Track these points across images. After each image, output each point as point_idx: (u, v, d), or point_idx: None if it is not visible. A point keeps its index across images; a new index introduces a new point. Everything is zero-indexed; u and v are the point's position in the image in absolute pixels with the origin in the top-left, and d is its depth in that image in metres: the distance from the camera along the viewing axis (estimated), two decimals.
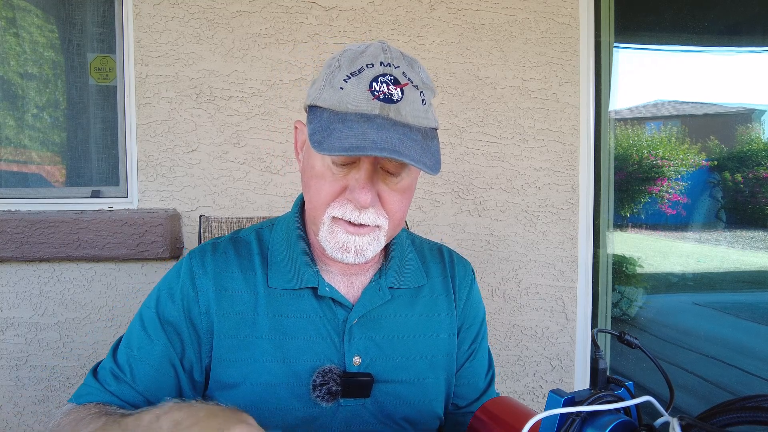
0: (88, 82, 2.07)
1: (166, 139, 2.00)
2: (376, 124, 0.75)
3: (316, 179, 0.82)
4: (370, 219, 0.81)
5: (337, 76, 0.80)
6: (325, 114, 0.78)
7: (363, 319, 0.90)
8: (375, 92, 0.77)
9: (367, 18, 2.08)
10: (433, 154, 0.78)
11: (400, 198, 0.84)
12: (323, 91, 0.81)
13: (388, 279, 0.94)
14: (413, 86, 0.80)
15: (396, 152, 0.72)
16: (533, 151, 2.22)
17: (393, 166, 0.80)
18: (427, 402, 0.94)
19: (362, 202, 0.78)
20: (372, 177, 0.80)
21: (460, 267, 1.05)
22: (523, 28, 2.19)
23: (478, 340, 1.04)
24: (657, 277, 3.14)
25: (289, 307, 0.88)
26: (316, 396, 0.84)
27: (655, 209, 2.98)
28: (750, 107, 2.75)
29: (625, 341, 0.66)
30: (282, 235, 0.94)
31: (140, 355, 0.86)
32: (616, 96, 2.49)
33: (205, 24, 2.00)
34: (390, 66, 0.79)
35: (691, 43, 2.81)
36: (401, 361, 0.92)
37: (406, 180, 0.84)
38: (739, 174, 2.74)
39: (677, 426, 0.50)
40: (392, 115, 0.77)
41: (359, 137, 0.73)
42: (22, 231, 1.87)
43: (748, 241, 2.77)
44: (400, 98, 0.78)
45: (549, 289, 2.27)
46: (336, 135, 0.73)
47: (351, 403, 0.88)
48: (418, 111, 0.80)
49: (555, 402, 0.57)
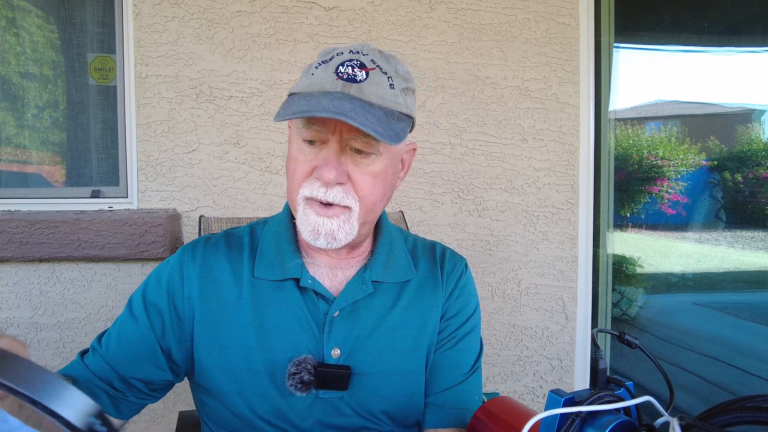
0: (88, 82, 2.07)
1: (166, 139, 2.00)
2: (333, 97, 0.78)
3: (292, 163, 0.85)
4: (338, 197, 0.82)
5: (311, 67, 0.84)
6: (294, 96, 0.82)
7: (344, 312, 0.90)
8: (339, 74, 0.80)
9: (367, 18, 2.08)
10: (391, 128, 0.79)
11: (372, 182, 0.85)
12: (300, 80, 0.85)
13: (372, 273, 0.94)
14: (381, 72, 0.82)
15: (342, 115, 0.74)
16: (533, 151, 2.22)
17: (360, 143, 0.81)
18: (408, 396, 0.94)
19: (326, 178, 0.79)
20: (339, 155, 0.81)
21: (449, 261, 1.04)
22: (523, 28, 2.19)
23: (462, 332, 1.00)
24: (657, 277, 3.14)
25: (271, 298, 0.90)
26: (290, 385, 0.85)
27: (655, 209, 2.98)
28: (750, 107, 2.75)
29: (625, 341, 0.66)
30: (273, 228, 0.96)
31: (120, 331, 0.90)
32: (616, 96, 2.50)
33: (205, 24, 2.00)
34: (359, 54, 0.83)
35: (691, 43, 2.81)
36: (382, 354, 0.92)
37: (377, 164, 0.84)
38: (739, 174, 2.74)
39: (677, 426, 0.49)
40: (353, 92, 0.79)
41: (312, 104, 0.76)
42: (22, 231, 1.87)
43: (748, 241, 2.77)
44: (363, 79, 0.80)
45: (549, 289, 2.27)
46: (294, 107, 0.77)
47: (329, 395, 0.88)
48: (384, 93, 0.81)
49: (555, 402, 0.57)
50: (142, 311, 0.90)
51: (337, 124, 0.80)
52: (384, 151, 0.84)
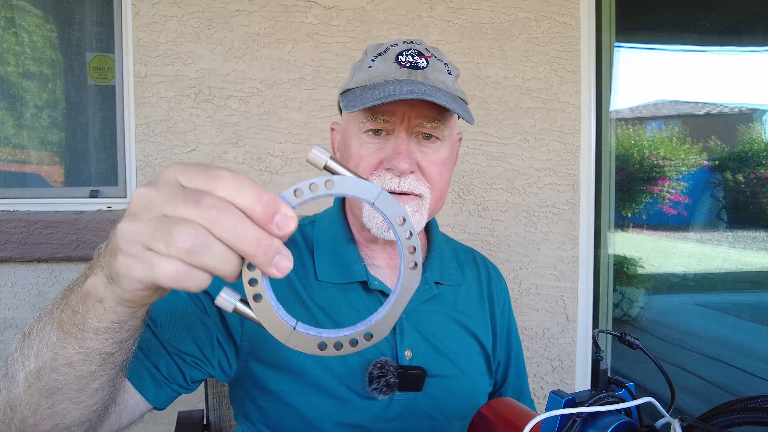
0: (86, 81, 2.07)
1: (165, 138, 2.00)
2: (406, 83, 0.78)
3: (353, 159, 0.84)
4: (411, 185, 0.81)
5: (365, 61, 0.84)
6: (356, 90, 0.82)
7: (411, 314, 0.90)
8: (401, 62, 0.81)
9: (367, 17, 2.08)
10: (464, 110, 0.81)
11: (440, 168, 0.85)
12: (354, 76, 0.85)
13: (432, 273, 0.94)
14: (437, 59, 0.84)
15: (427, 95, 0.74)
16: (534, 151, 2.22)
17: (430, 128, 0.82)
18: (473, 395, 0.94)
19: (401, 168, 0.79)
20: (408, 144, 0.81)
21: (495, 274, 1.07)
22: (523, 27, 2.18)
23: (515, 343, 1.08)
24: (658, 278, 3.13)
25: (338, 300, 0.88)
26: (374, 389, 0.83)
27: (656, 209, 2.97)
28: (751, 107, 2.75)
29: (626, 342, 0.66)
30: (325, 229, 0.94)
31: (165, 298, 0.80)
32: (617, 95, 2.49)
33: (204, 23, 2.00)
34: (413, 43, 0.84)
35: (693, 43, 2.81)
36: (448, 356, 0.92)
37: (443, 150, 0.85)
38: (740, 174, 2.73)
39: (678, 427, 0.49)
40: (419, 78, 0.80)
41: (389, 91, 0.75)
42: (20, 231, 1.87)
43: (749, 241, 2.76)
44: (425, 66, 0.81)
45: (550, 290, 2.26)
46: (368, 96, 0.77)
47: (404, 397, 0.87)
48: (446, 78, 0.83)
49: (556, 403, 0.56)
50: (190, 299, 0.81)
51: (405, 111, 0.80)
52: (446, 138, 0.85)
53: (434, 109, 0.81)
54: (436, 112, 0.81)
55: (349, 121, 0.87)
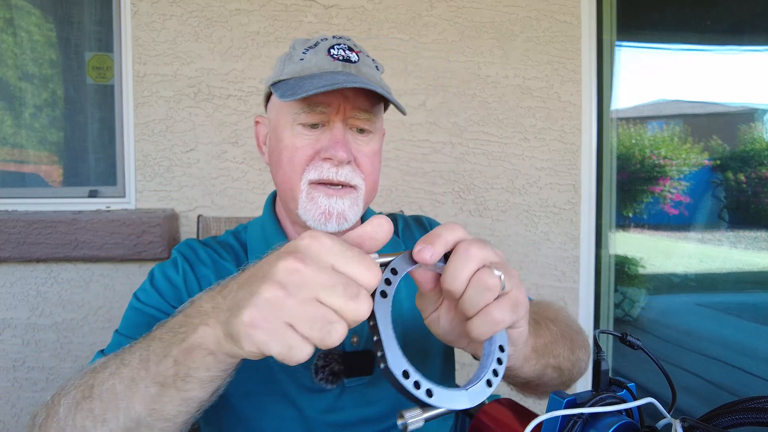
0: (85, 81, 2.06)
1: (164, 138, 1.99)
2: (344, 74, 0.80)
3: (287, 151, 0.84)
4: (348, 176, 0.82)
5: (294, 54, 0.85)
6: (291, 81, 0.82)
7: None
8: (334, 56, 0.82)
9: (367, 16, 2.07)
10: (398, 102, 0.83)
11: (372, 160, 0.87)
12: (284, 68, 0.85)
13: None
14: (365, 54, 0.86)
15: (368, 85, 0.76)
16: (535, 151, 2.21)
17: (364, 121, 0.83)
18: (426, 353, 0.93)
19: (340, 157, 0.80)
20: (345, 134, 0.82)
21: (436, 224, 1.06)
22: (524, 26, 2.17)
23: None
24: (659, 278, 3.12)
25: None
26: (320, 379, 0.83)
27: (657, 209, 2.96)
28: (753, 106, 2.74)
29: (627, 342, 0.65)
30: (258, 233, 0.96)
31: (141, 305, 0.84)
32: (618, 95, 2.48)
33: (204, 22, 1.99)
34: (342, 38, 0.86)
35: (694, 42, 2.80)
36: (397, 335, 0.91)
37: (374, 143, 0.87)
38: (741, 174, 2.72)
39: (679, 428, 0.49)
40: (353, 71, 0.82)
41: (330, 80, 0.76)
42: (19, 231, 1.86)
43: (751, 241, 2.75)
44: (357, 60, 0.83)
45: (550, 290, 2.25)
46: (307, 85, 0.77)
47: (356, 383, 0.86)
48: (374, 73, 0.85)
49: (556, 404, 0.56)
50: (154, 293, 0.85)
51: (341, 103, 0.81)
52: (377, 131, 0.87)
53: (368, 101, 0.83)
54: (369, 104, 0.83)
55: (280, 113, 0.86)
